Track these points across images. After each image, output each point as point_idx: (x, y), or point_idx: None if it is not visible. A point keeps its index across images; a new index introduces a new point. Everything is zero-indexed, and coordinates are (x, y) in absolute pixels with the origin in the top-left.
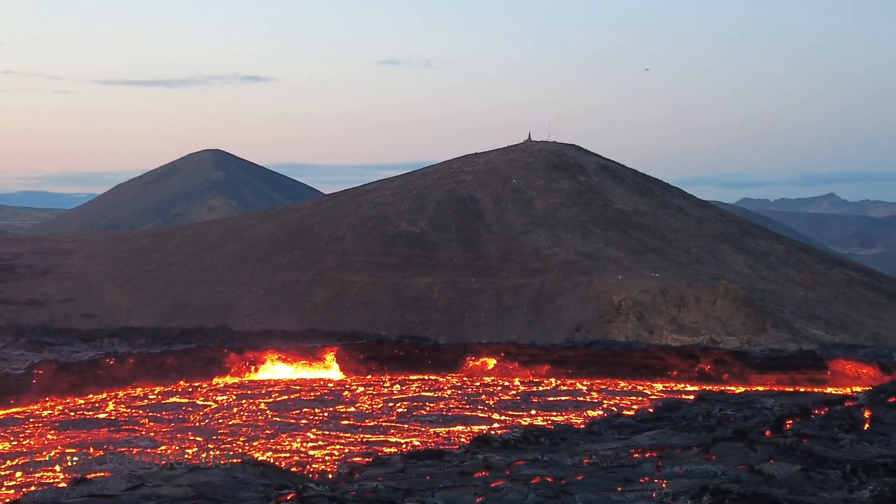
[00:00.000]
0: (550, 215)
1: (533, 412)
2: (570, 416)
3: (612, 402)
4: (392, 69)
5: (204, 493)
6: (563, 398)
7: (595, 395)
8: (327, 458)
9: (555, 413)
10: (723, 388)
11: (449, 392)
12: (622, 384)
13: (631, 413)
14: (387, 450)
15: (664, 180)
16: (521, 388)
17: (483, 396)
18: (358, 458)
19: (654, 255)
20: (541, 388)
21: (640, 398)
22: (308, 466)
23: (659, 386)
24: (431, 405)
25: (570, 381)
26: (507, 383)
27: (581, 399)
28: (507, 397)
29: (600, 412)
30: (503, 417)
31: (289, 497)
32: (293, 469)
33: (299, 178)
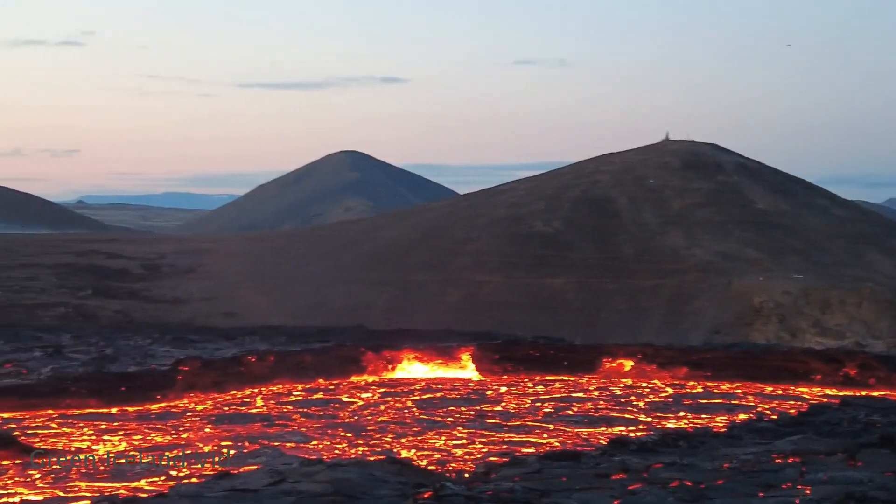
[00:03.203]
0: (687, 215)
1: (682, 414)
2: (715, 419)
3: (767, 407)
4: (527, 69)
5: (341, 490)
6: (715, 401)
7: (751, 398)
8: (467, 456)
9: (704, 416)
10: (869, 392)
11: (596, 393)
12: (769, 388)
13: (774, 417)
14: (525, 450)
15: (806, 179)
16: (671, 389)
17: (632, 398)
18: (495, 458)
19: (796, 257)
20: (693, 391)
21: (798, 402)
22: (447, 465)
23: (813, 390)
24: (579, 405)
25: (721, 384)
26: (654, 385)
27: (735, 402)
28: (657, 399)
29: (748, 416)
30: (650, 419)
31: (426, 496)
32: (431, 467)
33: (434, 179)
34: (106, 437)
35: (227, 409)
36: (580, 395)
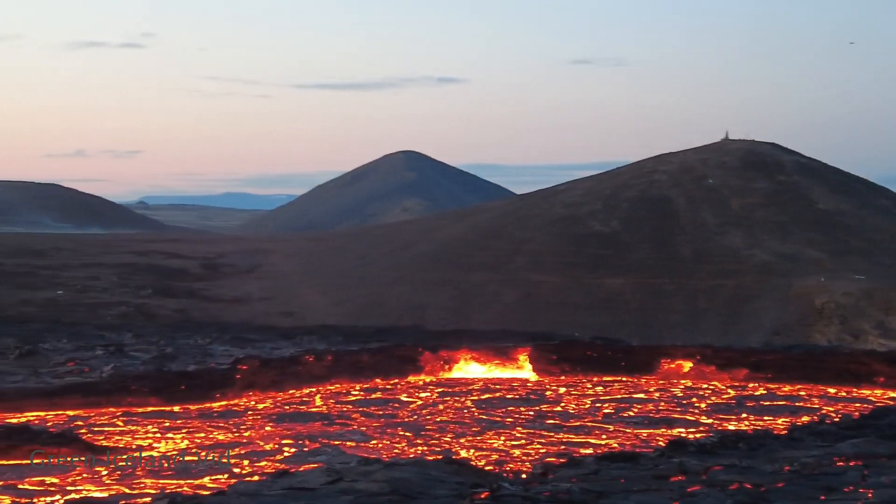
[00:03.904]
0: (747, 215)
1: (743, 416)
2: (777, 421)
3: (832, 409)
4: (584, 68)
5: (399, 490)
6: (778, 403)
7: (815, 400)
8: (525, 457)
9: (767, 418)
10: None
11: (657, 394)
12: (832, 390)
13: (837, 419)
14: (584, 451)
15: (868, 179)
16: (733, 391)
17: (694, 399)
18: (553, 459)
19: (858, 257)
20: (756, 393)
21: (863, 405)
22: (505, 465)
23: (876, 392)
24: (639, 406)
25: (783, 386)
26: (716, 386)
27: (799, 405)
28: (719, 401)
29: (810, 418)
30: (712, 421)
31: (482, 496)
32: (488, 468)
33: (491, 179)
34: (170, 435)
35: (287, 407)
36: (641, 396)
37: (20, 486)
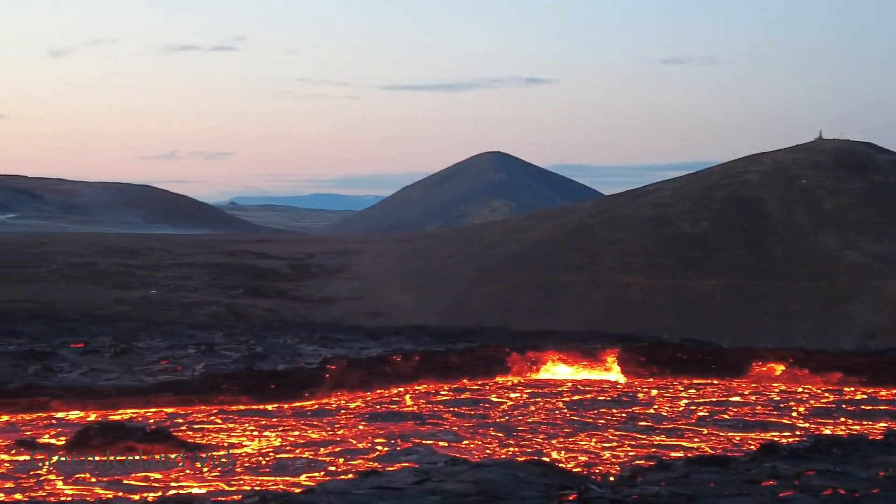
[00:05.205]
0: (841, 216)
1: (841, 420)
2: (874, 427)
3: None
4: (675, 67)
5: (486, 490)
6: (880, 407)
7: None
8: (614, 459)
9: (866, 423)
10: None
11: (753, 398)
12: None
13: None
14: (674, 454)
15: None
16: (831, 395)
17: (791, 403)
18: (642, 462)
19: None
20: (856, 397)
21: None
22: (594, 467)
23: None
24: (735, 410)
25: (880, 391)
26: (813, 390)
27: None
28: (817, 405)
29: None
30: (808, 425)
31: (570, 498)
32: (577, 470)
33: (579, 179)
34: (266, 434)
35: (378, 407)
36: (736, 399)
37: (125, 482)
